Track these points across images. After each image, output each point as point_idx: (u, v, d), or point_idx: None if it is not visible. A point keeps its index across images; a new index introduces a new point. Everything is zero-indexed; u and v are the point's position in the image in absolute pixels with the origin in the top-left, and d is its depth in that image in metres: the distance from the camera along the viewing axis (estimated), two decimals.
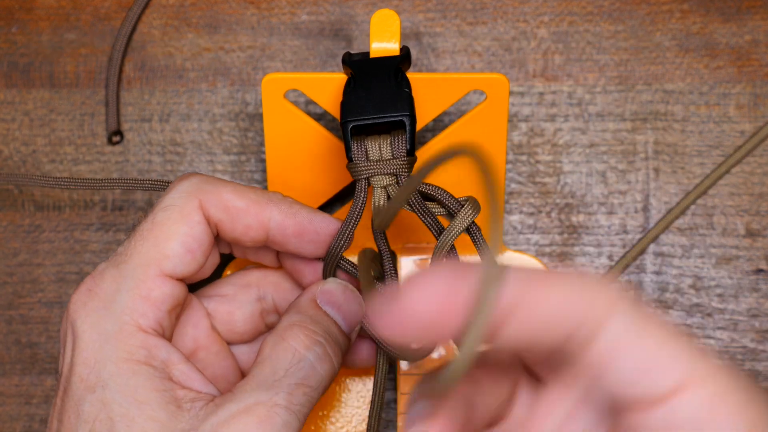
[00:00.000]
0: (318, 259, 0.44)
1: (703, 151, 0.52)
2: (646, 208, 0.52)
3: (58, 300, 0.52)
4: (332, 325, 0.42)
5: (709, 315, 0.51)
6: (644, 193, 0.52)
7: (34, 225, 0.52)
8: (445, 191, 0.42)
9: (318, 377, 0.39)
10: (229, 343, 0.45)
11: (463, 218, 0.42)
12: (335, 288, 0.43)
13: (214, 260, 0.44)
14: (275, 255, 0.45)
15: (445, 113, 0.51)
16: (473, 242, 0.43)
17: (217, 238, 0.43)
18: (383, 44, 0.43)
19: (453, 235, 0.42)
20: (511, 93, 0.52)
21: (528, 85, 0.52)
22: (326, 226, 0.43)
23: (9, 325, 0.52)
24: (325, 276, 0.44)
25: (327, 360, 0.40)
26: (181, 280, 0.41)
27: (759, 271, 0.51)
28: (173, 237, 0.40)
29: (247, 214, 0.42)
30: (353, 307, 0.43)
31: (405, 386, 0.49)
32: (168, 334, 0.41)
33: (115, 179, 0.48)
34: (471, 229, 0.42)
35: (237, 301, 0.45)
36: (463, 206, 0.42)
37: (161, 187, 0.47)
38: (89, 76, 0.53)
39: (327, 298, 0.42)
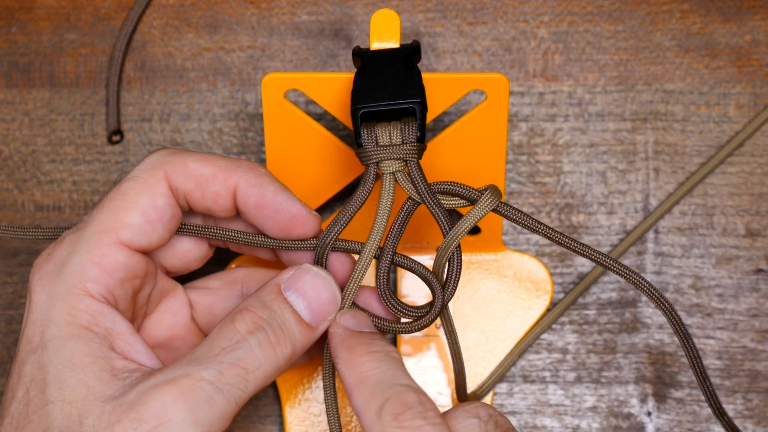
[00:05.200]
0: (311, 249, 0.43)
1: (703, 151, 0.52)
2: (646, 208, 0.52)
3: None
4: (288, 315, 0.40)
5: (709, 315, 0.51)
6: (644, 193, 0.52)
7: (34, 225, 0.52)
8: (461, 184, 0.41)
9: (256, 361, 0.38)
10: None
11: (485, 203, 0.41)
12: (304, 274, 0.41)
13: (202, 252, 0.44)
14: (271, 249, 0.44)
15: (445, 113, 0.51)
16: (505, 217, 0.41)
17: (208, 219, 0.43)
18: (383, 44, 0.43)
19: (475, 217, 0.41)
20: (511, 93, 0.52)
21: (528, 85, 0.52)
22: (288, 206, 0.41)
23: (9, 325, 0.52)
24: (316, 257, 0.42)
25: (268, 347, 0.39)
26: (141, 252, 0.41)
27: (759, 271, 0.51)
28: (134, 207, 0.40)
29: (215, 181, 0.41)
30: (322, 296, 0.41)
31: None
32: (122, 305, 0.40)
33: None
34: (498, 208, 0.41)
35: (219, 295, 0.45)
36: (483, 194, 0.41)
37: None
38: (89, 76, 0.53)
39: (292, 284, 0.40)
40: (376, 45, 0.43)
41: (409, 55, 0.42)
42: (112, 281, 0.39)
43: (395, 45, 0.43)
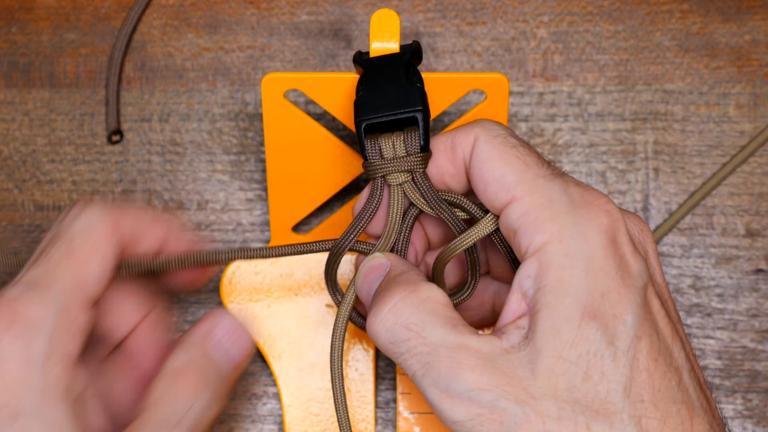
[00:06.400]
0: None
1: (703, 151, 0.52)
2: (645, 208, 0.52)
3: None
4: (225, 363, 0.43)
5: (709, 315, 0.51)
6: (644, 193, 0.52)
7: (34, 225, 0.53)
8: (469, 200, 0.41)
9: (209, 420, 0.41)
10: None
11: (486, 225, 0.40)
12: (222, 322, 0.44)
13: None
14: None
15: (445, 113, 0.51)
16: (498, 246, 0.41)
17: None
18: (383, 44, 0.43)
19: (473, 237, 0.40)
20: (510, 93, 0.52)
21: (528, 85, 0.52)
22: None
23: None
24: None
25: (217, 403, 0.42)
26: (94, 303, 0.41)
27: (759, 271, 0.51)
28: (93, 262, 0.41)
29: (151, 236, 0.43)
30: (240, 340, 0.44)
31: (405, 386, 0.49)
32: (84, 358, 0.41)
33: None
34: (494, 236, 0.41)
35: (126, 290, 0.45)
36: (487, 215, 0.41)
37: None
38: (89, 76, 0.53)
39: (212, 336, 0.43)
40: (375, 45, 0.43)
41: (409, 60, 0.42)
42: (83, 340, 0.40)
43: (395, 45, 0.43)
